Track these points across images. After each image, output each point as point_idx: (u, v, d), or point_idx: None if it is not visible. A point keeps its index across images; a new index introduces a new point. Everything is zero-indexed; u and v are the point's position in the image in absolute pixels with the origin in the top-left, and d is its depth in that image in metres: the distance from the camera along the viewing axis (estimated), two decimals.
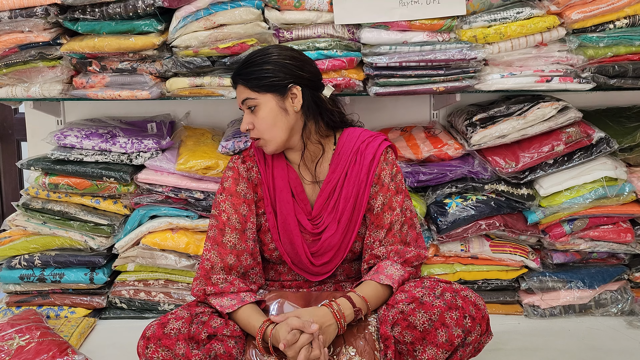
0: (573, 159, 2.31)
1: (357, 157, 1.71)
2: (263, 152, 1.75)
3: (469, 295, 1.50)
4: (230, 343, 1.49)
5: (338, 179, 1.70)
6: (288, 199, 1.70)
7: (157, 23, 2.15)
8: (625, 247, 2.36)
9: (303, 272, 1.73)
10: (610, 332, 2.23)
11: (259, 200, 1.74)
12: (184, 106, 2.69)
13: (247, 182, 1.73)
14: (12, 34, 2.17)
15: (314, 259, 1.70)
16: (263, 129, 1.67)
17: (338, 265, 1.72)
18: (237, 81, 1.71)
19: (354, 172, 1.70)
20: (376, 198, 1.69)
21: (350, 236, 1.70)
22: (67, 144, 2.35)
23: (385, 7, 2.14)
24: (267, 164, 1.74)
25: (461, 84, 2.21)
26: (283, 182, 1.71)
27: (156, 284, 2.38)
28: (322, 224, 1.70)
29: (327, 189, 1.70)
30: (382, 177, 1.69)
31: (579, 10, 2.16)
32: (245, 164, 1.76)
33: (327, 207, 1.70)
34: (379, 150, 1.71)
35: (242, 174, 1.73)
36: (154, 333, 1.48)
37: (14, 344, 1.95)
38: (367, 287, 1.59)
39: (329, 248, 1.69)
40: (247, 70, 1.69)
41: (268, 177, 1.73)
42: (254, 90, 1.67)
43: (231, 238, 1.66)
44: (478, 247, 2.35)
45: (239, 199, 1.70)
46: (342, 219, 1.68)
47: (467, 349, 1.48)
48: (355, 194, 1.69)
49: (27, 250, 2.36)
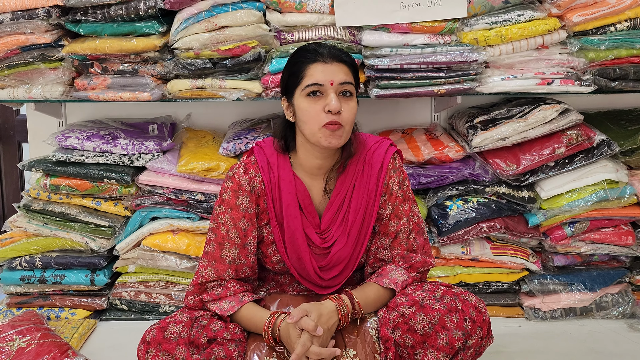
0: (574, 161, 2.31)
1: (364, 167, 1.63)
2: (268, 160, 1.64)
3: (469, 299, 1.49)
4: (231, 347, 1.48)
5: (347, 190, 1.62)
6: (296, 214, 1.60)
7: (159, 25, 2.15)
8: (627, 249, 2.36)
9: (311, 285, 1.67)
10: (612, 335, 2.23)
11: (261, 213, 1.64)
12: (185, 108, 2.69)
13: (248, 195, 1.61)
14: (14, 35, 2.18)
15: (322, 273, 1.64)
16: (349, 119, 1.54)
17: (348, 277, 1.66)
18: (338, 58, 1.55)
19: (362, 182, 1.62)
20: (385, 207, 1.63)
21: (360, 248, 1.64)
22: (68, 145, 2.35)
23: (386, 10, 2.14)
24: (273, 174, 1.62)
25: (462, 86, 2.21)
26: (291, 196, 1.61)
27: (157, 286, 2.38)
28: (332, 238, 1.63)
29: (337, 202, 1.62)
30: (391, 185, 1.64)
31: (580, 13, 2.16)
32: (247, 174, 1.63)
33: (336, 219, 1.63)
34: (386, 158, 1.64)
35: (244, 185, 1.61)
36: (154, 337, 1.47)
37: (15, 345, 1.95)
38: (368, 288, 1.59)
39: (338, 262, 1.63)
40: (348, 55, 1.58)
41: (274, 188, 1.62)
42: (353, 76, 1.57)
43: (230, 253, 1.59)
44: (479, 250, 2.35)
45: (238, 212, 1.60)
46: (352, 231, 1.61)
47: (468, 352, 1.47)
48: (365, 204, 1.62)
49: (28, 252, 2.37)
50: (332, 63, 1.54)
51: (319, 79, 1.52)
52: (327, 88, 1.52)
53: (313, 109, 1.52)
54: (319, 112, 1.52)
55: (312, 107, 1.53)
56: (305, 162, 1.64)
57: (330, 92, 1.52)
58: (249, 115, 2.67)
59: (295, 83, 1.56)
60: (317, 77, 1.52)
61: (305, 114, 1.54)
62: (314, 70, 1.53)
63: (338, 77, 1.53)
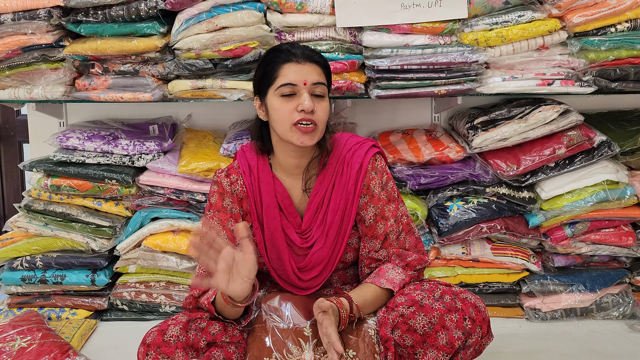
0: (574, 162, 2.31)
1: (343, 167, 1.64)
2: (249, 164, 1.66)
3: (468, 298, 1.49)
4: (231, 349, 1.48)
5: (325, 190, 1.63)
6: (275, 215, 1.63)
7: (160, 25, 2.16)
8: (627, 250, 2.36)
9: (290, 287, 1.67)
10: (612, 335, 2.23)
11: (245, 215, 1.66)
12: (186, 108, 2.70)
13: (231, 197, 1.64)
14: (15, 36, 2.18)
15: (301, 274, 1.65)
16: (322, 118, 1.56)
17: (326, 279, 1.67)
18: (311, 59, 1.57)
19: (341, 183, 1.63)
20: (367, 209, 1.64)
21: (338, 249, 1.64)
22: (69, 145, 2.36)
23: (387, 10, 2.14)
24: (253, 177, 1.65)
25: (463, 87, 2.22)
26: (270, 197, 1.63)
27: (157, 286, 2.38)
28: (312, 238, 1.63)
29: (316, 201, 1.63)
30: (372, 187, 1.64)
31: (581, 13, 2.17)
32: (229, 178, 1.66)
33: (316, 219, 1.64)
34: (365, 159, 1.63)
35: (226, 188, 1.65)
36: (154, 340, 1.46)
37: (16, 345, 1.95)
38: (366, 289, 1.59)
39: (317, 262, 1.64)
40: (320, 56, 1.60)
41: (255, 190, 1.64)
42: (325, 77, 1.59)
43: None
44: (479, 250, 2.35)
45: (225, 214, 1.63)
46: (330, 231, 1.62)
47: (468, 352, 1.47)
48: (344, 206, 1.62)
49: (29, 252, 2.37)
50: (305, 63, 1.56)
51: (292, 79, 1.54)
52: (300, 88, 1.54)
53: (286, 108, 1.54)
54: (292, 111, 1.54)
55: (285, 107, 1.55)
56: (283, 162, 1.66)
57: (303, 92, 1.54)
58: (249, 115, 2.67)
59: (269, 83, 1.58)
60: (291, 77, 1.54)
61: (277, 113, 1.56)
62: (288, 70, 1.55)
63: (311, 77, 1.55)
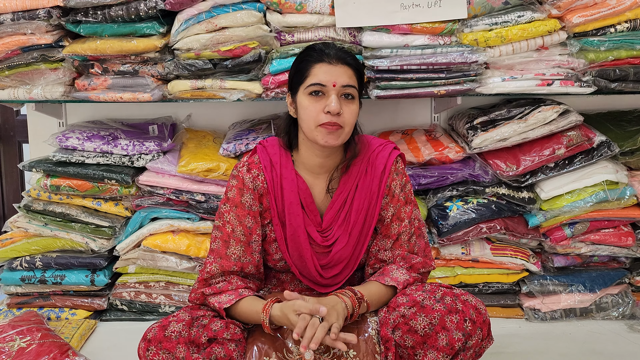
0: (574, 162, 2.31)
1: (367, 168, 1.65)
2: (270, 160, 1.65)
3: (469, 299, 1.49)
4: (231, 346, 1.49)
5: (349, 190, 1.64)
6: (298, 212, 1.62)
7: (159, 26, 2.16)
8: (626, 250, 2.36)
9: (311, 284, 1.69)
10: (611, 335, 2.23)
11: (264, 211, 1.65)
12: (186, 108, 2.69)
13: (252, 193, 1.63)
14: (15, 36, 2.18)
15: (323, 272, 1.66)
16: (349, 120, 1.56)
17: (348, 277, 1.68)
18: (343, 60, 1.56)
19: (365, 184, 1.64)
20: (387, 209, 1.65)
21: (360, 249, 1.66)
22: (68, 146, 2.35)
23: (386, 11, 2.14)
24: (275, 173, 1.64)
25: (462, 87, 2.22)
26: (293, 194, 1.63)
27: (157, 286, 2.38)
28: (333, 237, 1.64)
29: (339, 201, 1.64)
30: (393, 187, 1.65)
31: (580, 14, 2.17)
32: (250, 173, 1.64)
33: (337, 219, 1.65)
34: (389, 161, 1.65)
35: (247, 184, 1.63)
36: (155, 335, 1.47)
37: (15, 345, 1.95)
38: (370, 286, 1.59)
39: (339, 261, 1.65)
40: (354, 58, 1.59)
41: (276, 187, 1.64)
42: (356, 80, 1.58)
43: (236, 250, 1.61)
44: (479, 250, 2.35)
45: (243, 210, 1.62)
46: (354, 231, 1.63)
47: (468, 353, 1.47)
48: (367, 205, 1.64)
49: (29, 252, 2.37)
50: (337, 65, 1.56)
51: (322, 79, 1.54)
52: (329, 89, 1.54)
53: (314, 108, 1.55)
54: (319, 112, 1.54)
55: (312, 106, 1.55)
56: (306, 161, 1.66)
57: (332, 94, 1.54)
58: (249, 115, 2.67)
59: (300, 80, 1.58)
60: (321, 77, 1.54)
61: (305, 111, 1.56)
62: (318, 70, 1.55)
63: (341, 79, 1.55)
